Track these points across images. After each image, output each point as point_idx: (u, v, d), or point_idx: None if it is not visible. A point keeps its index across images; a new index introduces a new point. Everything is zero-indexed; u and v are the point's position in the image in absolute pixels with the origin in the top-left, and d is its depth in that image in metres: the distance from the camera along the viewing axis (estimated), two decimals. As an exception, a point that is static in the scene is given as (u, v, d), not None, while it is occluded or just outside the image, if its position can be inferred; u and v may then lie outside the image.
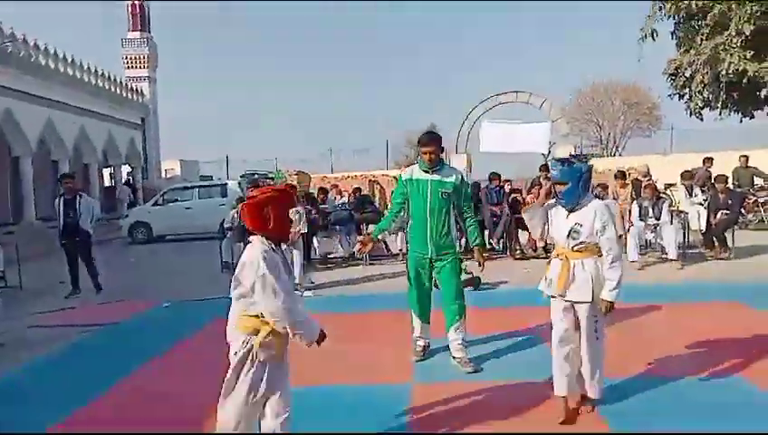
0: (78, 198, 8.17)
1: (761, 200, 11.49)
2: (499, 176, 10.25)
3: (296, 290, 6.91)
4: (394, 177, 20.82)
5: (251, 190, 7.91)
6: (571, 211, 3.31)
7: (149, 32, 29.60)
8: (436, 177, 4.23)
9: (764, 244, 9.42)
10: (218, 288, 7.80)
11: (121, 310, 7.02)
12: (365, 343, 5.01)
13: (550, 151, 18.45)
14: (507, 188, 10.36)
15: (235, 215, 10.22)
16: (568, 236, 3.28)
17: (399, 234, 8.68)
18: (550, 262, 3.46)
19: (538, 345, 4.55)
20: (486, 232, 9.88)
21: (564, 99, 34.54)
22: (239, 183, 16.89)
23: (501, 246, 9.93)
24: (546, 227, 3.48)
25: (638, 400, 3.50)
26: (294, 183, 11.03)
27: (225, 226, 10.49)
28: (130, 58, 29.21)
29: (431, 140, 4.26)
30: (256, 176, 20.89)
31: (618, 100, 34.86)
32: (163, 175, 30.51)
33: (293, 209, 7.51)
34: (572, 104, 34.89)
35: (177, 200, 16.49)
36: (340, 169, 24.30)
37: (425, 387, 3.90)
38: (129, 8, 28.97)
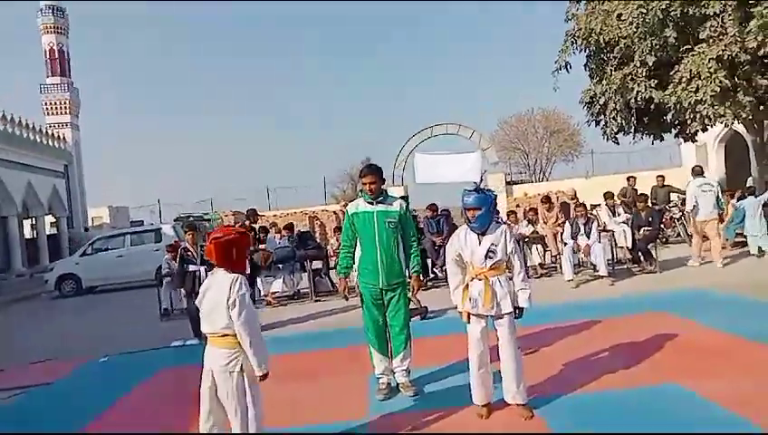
0: None
1: (676, 216, 12.41)
2: (436, 207, 10.55)
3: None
4: (333, 212, 20.88)
5: (188, 233, 7.77)
6: (482, 234, 3.67)
7: (70, 76, 28.60)
8: (380, 207, 4.31)
9: (685, 255, 10.14)
10: (159, 338, 7.53)
11: (53, 369, 6.57)
12: (317, 381, 4.97)
13: (482, 179, 19.17)
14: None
15: (170, 261, 9.96)
16: (486, 256, 3.62)
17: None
18: (466, 286, 3.74)
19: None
20: (429, 261, 10.10)
21: (492, 129, 36.10)
22: (173, 227, 16.42)
23: (444, 273, 10.13)
24: (462, 277, 3.81)
25: (581, 411, 3.67)
26: (234, 223, 10.88)
27: (163, 272, 10.16)
28: (50, 104, 28.05)
29: (371, 171, 4.34)
30: (191, 218, 20.42)
31: (540, 128, 36.79)
32: (90, 223, 29.12)
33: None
34: (499, 134, 36.52)
35: (107, 249, 15.76)
36: (279, 207, 24.07)
37: (383, 420, 3.91)
38: (48, 53, 27.95)
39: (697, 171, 9.63)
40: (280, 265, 9.79)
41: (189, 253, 7.42)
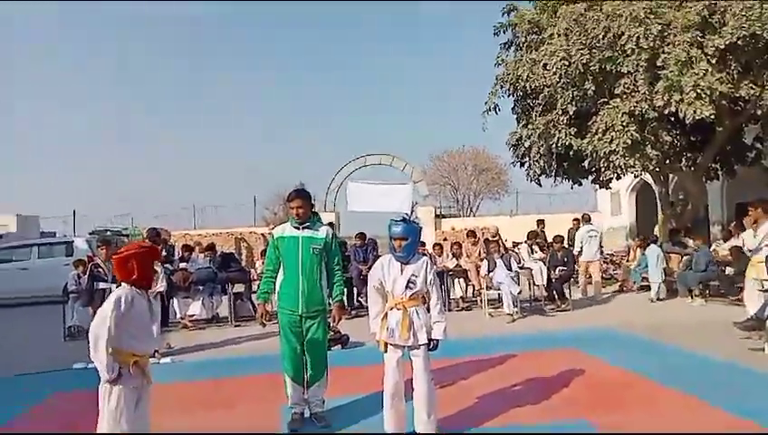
0: None
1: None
2: (364, 236, 10.63)
3: (153, 356, 6.48)
4: (262, 234, 20.50)
5: (101, 248, 7.37)
6: (405, 264, 3.75)
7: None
8: (306, 232, 4.28)
9: (593, 295, 10.72)
10: (60, 359, 7.02)
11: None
12: (230, 409, 4.81)
13: (413, 211, 19.50)
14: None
15: (78, 276, 9.36)
16: (406, 286, 3.70)
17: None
18: (384, 315, 3.78)
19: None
20: (355, 289, 10.11)
21: (424, 163, 36.94)
22: (87, 241, 15.48)
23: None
24: (382, 306, 3.85)
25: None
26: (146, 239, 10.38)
27: (69, 288, 9.54)
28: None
29: (299, 195, 4.30)
30: (109, 232, 19.35)
31: (470, 165, 38.10)
32: (-7, 231, 26.89)
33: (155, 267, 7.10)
34: (431, 168, 37.47)
35: (11, 260, 14.60)
36: (205, 226, 23.31)
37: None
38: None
39: (586, 218, 11.52)
40: (200, 287, 9.46)
41: (101, 269, 7.04)
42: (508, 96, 12.75)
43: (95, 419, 3.04)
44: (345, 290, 4.62)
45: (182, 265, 9.88)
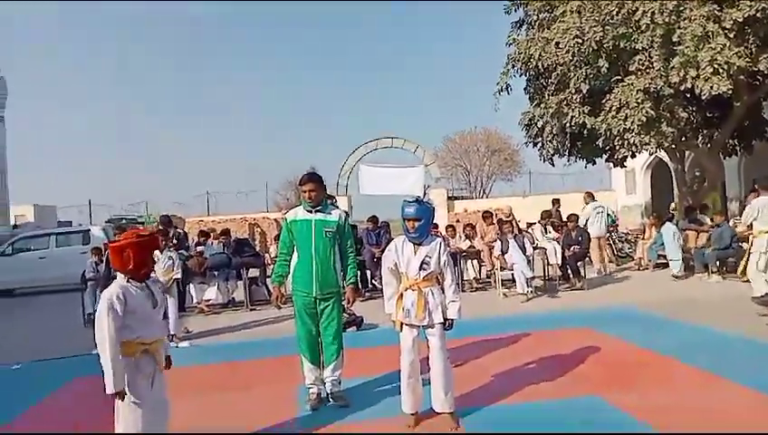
0: None
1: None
2: (377, 219, 10.63)
3: (171, 341, 6.58)
4: (275, 219, 20.61)
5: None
6: (418, 245, 3.75)
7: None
8: (319, 216, 4.30)
9: (608, 273, 10.65)
10: (80, 344, 7.14)
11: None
12: (247, 390, 4.88)
13: (425, 194, 19.45)
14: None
15: (95, 264, 9.51)
16: (420, 267, 3.70)
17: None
18: (400, 296, 3.78)
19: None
20: (368, 272, 10.15)
21: (436, 145, 36.79)
22: (104, 229, 15.68)
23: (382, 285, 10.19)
24: (396, 287, 3.86)
25: (506, 420, 3.78)
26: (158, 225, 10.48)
27: (87, 275, 9.69)
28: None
29: (311, 178, 4.32)
30: (124, 221, 19.57)
31: (482, 146, 37.84)
32: (12, 221, 27.36)
33: (168, 255, 7.16)
34: (443, 150, 37.27)
35: (29, 249, 14.84)
36: (219, 212, 23.49)
37: (310, 431, 3.89)
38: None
39: (591, 196, 11.82)
40: (215, 272, 9.56)
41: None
42: (520, 76, 12.61)
43: (113, 403, 3.09)
44: (358, 272, 4.63)
45: (199, 248, 9.98)
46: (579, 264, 9.76)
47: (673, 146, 11.94)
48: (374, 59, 76.14)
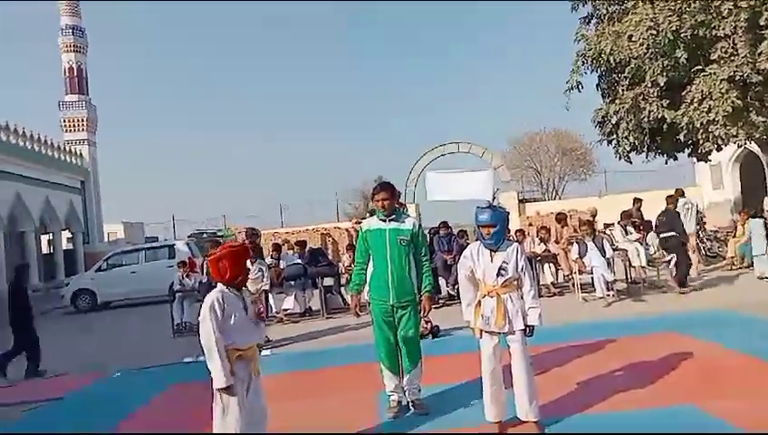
0: None
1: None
2: (448, 224, 10.58)
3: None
4: (345, 229, 20.97)
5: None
6: (494, 251, 3.69)
7: (88, 94, 29.18)
8: (393, 225, 4.34)
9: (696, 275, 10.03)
10: (172, 354, 7.59)
11: (66, 383, 6.65)
12: (327, 398, 4.98)
13: (495, 197, 19.15)
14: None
15: (182, 277, 10.07)
16: (497, 274, 3.65)
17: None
18: (478, 303, 3.74)
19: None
20: (442, 279, 10.10)
21: (503, 147, 36.08)
22: (187, 243, 16.58)
23: (456, 291, 10.12)
24: (474, 294, 3.82)
25: (593, 430, 3.64)
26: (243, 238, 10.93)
27: (175, 288, 10.26)
28: (68, 121, 28.61)
29: (384, 188, 4.39)
30: (204, 235, 20.58)
31: (552, 146, 36.73)
32: (106, 238, 29.46)
33: (258, 266, 7.52)
34: (511, 153, 36.50)
35: (122, 264, 15.95)
36: (291, 224, 24.20)
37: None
38: (67, 71, 28.60)
39: (682, 193, 11.02)
40: (292, 282, 9.85)
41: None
42: (591, 72, 12.18)
43: (209, 409, 3.26)
44: (434, 281, 4.63)
45: (270, 261, 10.33)
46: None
47: (764, 137, 11.10)
48: (439, 63, 76.00)
